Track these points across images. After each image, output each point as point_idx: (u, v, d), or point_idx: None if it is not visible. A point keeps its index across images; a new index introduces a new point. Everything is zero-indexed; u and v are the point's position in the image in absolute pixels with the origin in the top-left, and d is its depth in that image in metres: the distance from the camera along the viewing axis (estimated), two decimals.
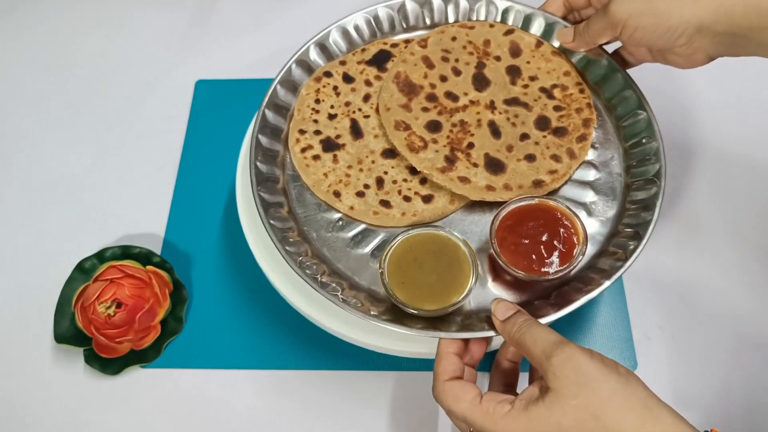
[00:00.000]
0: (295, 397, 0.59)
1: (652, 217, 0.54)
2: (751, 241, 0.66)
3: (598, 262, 0.54)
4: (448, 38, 0.66)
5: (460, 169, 0.58)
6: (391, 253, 0.53)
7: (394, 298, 0.51)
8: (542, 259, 0.52)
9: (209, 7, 0.86)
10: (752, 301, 0.62)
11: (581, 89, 0.63)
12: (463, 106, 0.62)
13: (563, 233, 0.53)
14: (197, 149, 0.73)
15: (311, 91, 0.64)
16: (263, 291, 0.63)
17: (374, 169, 0.60)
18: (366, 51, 0.66)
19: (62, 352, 0.61)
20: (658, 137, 0.58)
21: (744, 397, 0.58)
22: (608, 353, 0.59)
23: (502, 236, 0.53)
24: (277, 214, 0.57)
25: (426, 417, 0.58)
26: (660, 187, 0.55)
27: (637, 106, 0.60)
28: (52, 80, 0.80)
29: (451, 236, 0.53)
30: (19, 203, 0.71)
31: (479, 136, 0.60)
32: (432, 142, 0.59)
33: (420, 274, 0.52)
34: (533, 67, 0.64)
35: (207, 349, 0.62)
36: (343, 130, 0.62)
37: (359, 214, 0.58)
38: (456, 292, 0.51)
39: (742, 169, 0.70)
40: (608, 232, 0.57)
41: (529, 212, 0.54)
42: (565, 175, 0.58)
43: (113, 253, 0.64)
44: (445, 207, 0.58)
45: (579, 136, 0.60)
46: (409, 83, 0.63)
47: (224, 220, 0.68)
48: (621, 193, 0.59)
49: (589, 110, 0.61)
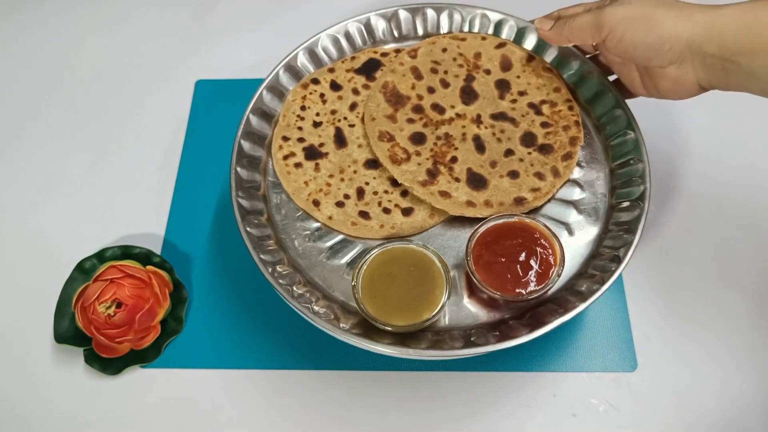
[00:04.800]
0: (295, 397, 0.59)
1: (633, 239, 0.53)
2: (750, 241, 0.66)
3: (576, 284, 0.54)
4: (438, 49, 0.65)
5: (442, 183, 0.58)
6: (365, 266, 0.52)
7: (364, 312, 0.51)
8: (518, 278, 0.51)
9: (209, 7, 0.86)
10: (752, 302, 0.62)
11: (570, 106, 0.62)
12: (449, 119, 0.61)
13: (540, 253, 0.52)
14: (197, 149, 0.73)
15: (297, 98, 0.64)
16: (263, 291, 0.63)
17: (356, 179, 0.60)
18: (356, 59, 0.66)
19: (62, 352, 0.61)
20: (645, 158, 0.57)
21: (744, 397, 0.58)
22: (608, 353, 0.60)
23: (478, 254, 0.53)
24: (255, 221, 0.57)
25: (426, 417, 0.58)
26: (643, 209, 0.55)
27: (626, 125, 0.59)
28: (52, 80, 0.80)
29: (426, 251, 0.53)
30: (19, 203, 0.71)
31: (463, 150, 0.60)
32: (415, 155, 0.59)
33: (392, 289, 0.52)
34: (523, 82, 0.63)
35: (207, 349, 0.62)
36: (327, 138, 0.62)
37: (337, 224, 0.58)
38: (428, 309, 0.51)
39: (733, 175, 0.70)
40: (588, 253, 0.56)
41: (508, 230, 0.53)
42: (548, 193, 0.58)
43: (113, 253, 0.64)
44: (424, 221, 0.58)
45: (565, 154, 0.59)
46: (396, 94, 0.62)
47: (224, 220, 0.68)
48: (604, 214, 0.58)
49: (576, 128, 0.60)
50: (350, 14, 0.67)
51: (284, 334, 0.62)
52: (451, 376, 0.59)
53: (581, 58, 0.63)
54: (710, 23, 0.48)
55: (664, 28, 0.50)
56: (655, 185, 0.67)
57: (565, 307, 0.51)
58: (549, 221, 0.57)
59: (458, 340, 0.51)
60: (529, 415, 0.58)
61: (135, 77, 0.80)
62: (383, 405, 0.59)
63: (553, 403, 0.58)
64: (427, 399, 0.59)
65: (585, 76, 0.63)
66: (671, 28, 0.49)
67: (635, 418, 0.57)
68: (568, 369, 0.60)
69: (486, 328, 0.53)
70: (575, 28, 0.55)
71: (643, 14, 0.51)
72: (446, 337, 0.52)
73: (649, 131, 0.60)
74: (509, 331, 0.51)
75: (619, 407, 0.58)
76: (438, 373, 0.60)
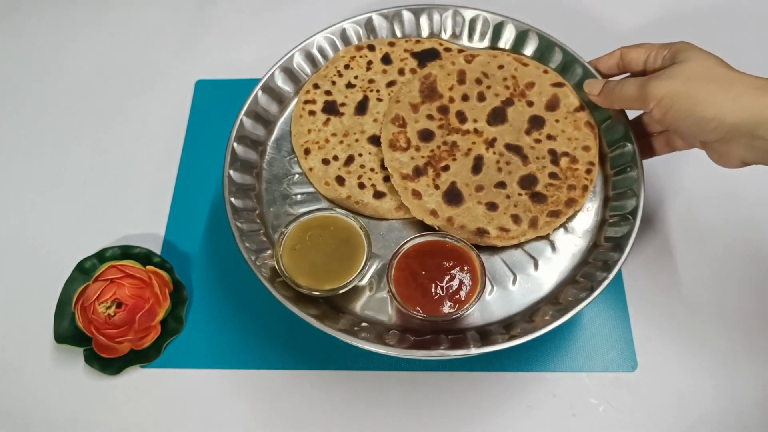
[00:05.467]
0: (295, 397, 0.59)
1: (607, 278, 0.52)
2: (751, 240, 0.66)
3: (536, 315, 0.54)
4: (495, 64, 0.64)
5: (420, 184, 0.58)
6: (303, 219, 0.55)
7: (277, 260, 0.53)
8: (428, 296, 0.51)
9: (209, 7, 0.86)
10: (752, 301, 0.62)
11: (589, 170, 0.59)
12: (465, 131, 0.61)
13: (461, 284, 0.52)
14: (197, 149, 0.73)
15: (347, 56, 0.65)
16: (263, 291, 0.63)
17: (354, 147, 0.61)
18: (419, 43, 0.67)
19: (62, 352, 0.61)
20: (635, 223, 0.55)
21: (744, 398, 0.58)
22: (608, 353, 0.60)
23: (404, 259, 0.52)
24: (244, 195, 0.59)
25: (426, 417, 0.58)
26: (622, 255, 0.53)
27: (632, 186, 0.57)
28: (52, 80, 0.80)
29: (363, 235, 0.54)
30: (19, 203, 0.71)
31: (459, 163, 0.59)
32: (414, 149, 0.59)
33: (312, 251, 0.53)
34: (558, 127, 0.61)
35: (207, 349, 0.62)
36: (352, 101, 0.63)
37: (314, 178, 0.60)
38: (345, 275, 0.53)
39: (733, 174, 0.69)
40: (543, 296, 0.56)
41: (446, 251, 0.53)
42: (514, 239, 0.56)
43: (113, 253, 0.64)
44: (389, 210, 0.59)
45: (553, 210, 0.57)
46: (432, 88, 0.62)
47: (224, 220, 0.68)
48: (555, 285, 0.56)
49: (581, 192, 0.58)
50: (352, 13, 0.67)
51: (284, 334, 0.62)
52: (451, 376, 0.59)
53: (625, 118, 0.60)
54: (760, 109, 0.46)
55: (708, 111, 0.47)
56: (655, 184, 0.67)
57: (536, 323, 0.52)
58: (502, 264, 0.57)
59: (367, 331, 0.53)
60: (529, 415, 0.58)
61: (135, 77, 0.80)
62: (383, 405, 0.59)
63: (553, 403, 0.58)
64: (427, 399, 0.59)
65: (614, 122, 0.61)
66: (715, 111, 0.47)
67: (635, 418, 0.57)
68: (568, 369, 0.60)
69: (400, 330, 0.54)
70: (622, 97, 0.54)
71: (687, 93, 0.48)
72: (364, 328, 0.54)
73: None
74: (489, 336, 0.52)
75: (619, 407, 0.58)
76: (438, 373, 0.60)
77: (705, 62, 0.50)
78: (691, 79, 0.49)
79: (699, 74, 0.49)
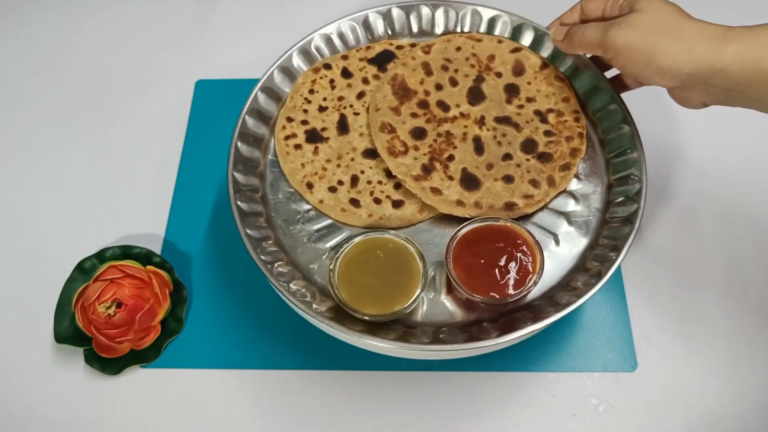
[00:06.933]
0: (295, 397, 0.59)
1: (617, 257, 0.53)
2: (749, 241, 0.66)
3: (555, 295, 0.54)
4: (453, 47, 0.65)
5: (435, 180, 0.58)
6: (345, 252, 0.53)
7: (337, 297, 0.51)
8: (495, 281, 0.51)
9: (209, 7, 0.86)
10: (752, 301, 0.62)
11: (577, 117, 0.61)
12: (452, 117, 0.61)
13: (521, 259, 0.52)
14: (197, 149, 0.73)
15: (307, 81, 0.64)
16: (263, 291, 0.63)
17: (352, 166, 0.60)
18: (371, 49, 0.66)
19: (62, 352, 0.61)
20: (644, 178, 0.56)
21: (744, 398, 0.58)
22: (608, 353, 0.60)
23: (458, 253, 0.52)
24: (249, 197, 0.58)
25: (426, 417, 0.58)
26: (634, 227, 0.54)
27: (629, 143, 0.59)
28: (52, 80, 0.80)
29: (407, 244, 0.53)
30: (19, 203, 0.71)
31: (461, 150, 0.59)
32: (413, 149, 0.59)
33: (367, 277, 0.52)
34: (533, 89, 0.63)
35: (207, 349, 0.62)
36: (331, 123, 0.62)
37: (327, 208, 0.58)
38: (400, 301, 0.51)
39: (733, 173, 0.70)
40: (573, 266, 0.56)
41: (491, 233, 0.53)
42: (541, 201, 0.57)
43: (113, 253, 0.64)
44: (413, 215, 0.58)
45: (563, 164, 0.59)
46: (404, 87, 0.62)
47: (224, 220, 0.68)
48: (594, 229, 0.57)
49: (579, 140, 0.60)
50: (350, 12, 0.67)
51: (284, 334, 0.62)
52: (451, 376, 0.59)
53: (595, 70, 0.63)
54: (712, 60, 0.47)
55: (665, 62, 0.49)
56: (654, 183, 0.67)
57: (540, 315, 0.51)
58: (538, 229, 0.57)
59: (426, 336, 0.52)
60: (529, 415, 0.58)
61: (135, 77, 0.80)
62: (383, 405, 0.59)
63: (553, 403, 0.58)
64: (427, 399, 0.59)
65: (597, 88, 0.62)
66: (671, 62, 0.49)
67: (635, 418, 0.57)
68: (568, 369, 0.60)
69: (458, 327, 0.54)
70: (583, 43, 0.55)
71: (644, 44, 0.50)
72: (417, 332, 0.52)
73: (646, 128, 0.60)
74: (480, 333, 0.51)
75: (619, 407, 0.58)
76: (438, 373, 0.60)
77: (661, 11, 0.51)
78: (648, 30, 0.50)
79: (656, 25, 0.50)
